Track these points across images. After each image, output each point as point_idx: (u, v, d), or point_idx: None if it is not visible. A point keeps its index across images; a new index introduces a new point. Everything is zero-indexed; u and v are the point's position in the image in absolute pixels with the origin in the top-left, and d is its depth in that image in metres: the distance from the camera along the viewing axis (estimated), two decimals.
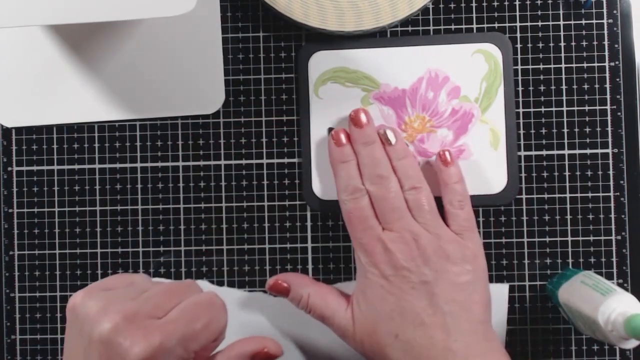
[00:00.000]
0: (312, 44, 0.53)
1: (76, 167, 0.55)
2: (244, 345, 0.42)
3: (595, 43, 0.53)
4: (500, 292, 0.53)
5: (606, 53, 0.53)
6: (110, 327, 0.35)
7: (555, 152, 0.53)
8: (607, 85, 0.53)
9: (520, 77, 0.53)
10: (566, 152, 0.53)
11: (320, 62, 0.53)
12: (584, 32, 0.53)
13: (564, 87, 0.53)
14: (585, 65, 0.53)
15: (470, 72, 0.53)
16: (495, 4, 0.54)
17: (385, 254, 0.47)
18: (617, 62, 0.53)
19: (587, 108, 0.53)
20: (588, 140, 0.53)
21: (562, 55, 0.53)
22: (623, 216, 0.53)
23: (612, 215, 0.53)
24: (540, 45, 0.53)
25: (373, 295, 0.47)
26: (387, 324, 0.46)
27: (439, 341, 0.45)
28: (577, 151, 0.53)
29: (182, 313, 0.38)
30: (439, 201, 0.50)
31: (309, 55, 0.53)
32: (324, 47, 0.53)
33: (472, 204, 0.51)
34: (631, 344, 0.43)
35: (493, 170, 0.53)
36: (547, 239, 0.53)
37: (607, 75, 0.53)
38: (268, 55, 0.54)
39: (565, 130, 0.53)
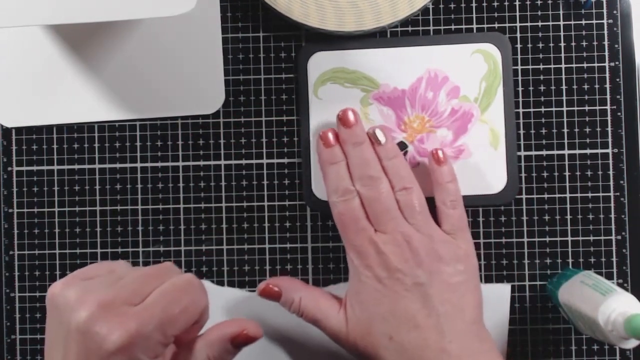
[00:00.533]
0: (311, 44, 0.53)
1: (76, 167, 0.55)
2: (224, 328, 0.41)
3: (595, 43, 0.53)
4: (502, 292, 0.53)
5: (606, 53, 0.53)
6: (86, 316, 0.35)
7: (555, 152, 0.53)
8: (607, 85, 0.53)
9: (520, 77, 0.53)
10: (566, 152, 0.53)
11: (320, 63, 0.53)
12: (584, 32, 0.53)
13: (564, 87, 0.53)
14: (585, 65, 0.53)
15: (469, 72, 0.53)
16: (495, 4, 0.54)
17: (378, 256, 0.47)
18: (617, 62, 0.53)
19: (587, 108, 0.53)
20: (588, 140, 0.53)
21: (562, 55, 0.53)
22: (623, 216, 0.53)
23: (612, 215, 0.53)
24: (540, 45, 0.53)
25: (367, 297, 0.47)
26: (381, 326, 0.46)
27: (433, 342, 0.45)
28: (577, 151, 0.53)
29: (159, 297, 0.37)
30: (430, 201, 0.50)
31: (308, 56, 0.53)
32: (323, 47, 0.53)
33: (472, 203, 0.52)
34: (631, 344, 0.43)
35: (493, 170, 0.53)
36: (547, 239, 0.53)
37: (607, 75, 0.53)
38: (268, 55, 0.54)
39: (565, 130, 0.53)
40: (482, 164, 0.52)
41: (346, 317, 0.48)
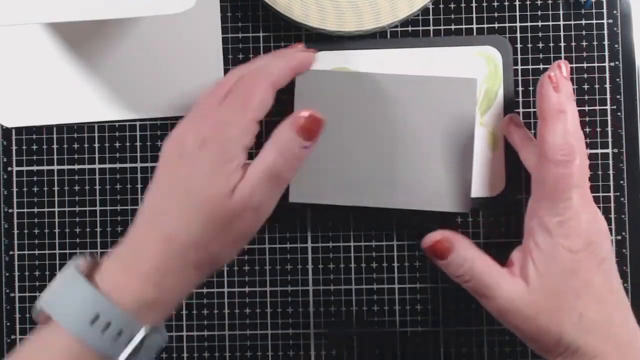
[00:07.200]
0: (313, 45, 0.53)
1: (76, 167, 0.55)
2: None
3: (595, 43, 0.53)
4: (469, 84, 0.51)
5: (606, 53, 0.53)
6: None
7: None
8: (607, 85, 0.53)
9: (520, 77, 0.53)
10: None
11: (321, 63, 0.53)
12: (584, 32, 0.53)
13: None
14: (585, 65, 0.53)
15: (470, 74, 0.53)
16: (496, 4, 0.54)
17: (580, 225, 0.44)
18: (617, 62, 0.53)
19: (587, 108, 0.53)
20: (588, 141, 0.53)
21: (562, 55, 0.53)
22: (623, 216, 0.53)
23: (612, 215, 0.53)
24: (540, 45, 0.53)
25: (560, 269, 0.44)
26: (574, 301, 0.44)
27: (617, 318, 0.44)
28: None
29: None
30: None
31: None
32: (324, 47, 0.53)
33: (472, 205, 0.51)
34: None
35: (492, 173, 0.52)
36: None
37: (607, 75, 0.53)
38: None
39: None
40: (481, 167, 0.52)
41: (527, 287, 0.45)
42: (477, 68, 0.53)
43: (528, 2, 0.53)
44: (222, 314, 0.55)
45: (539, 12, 0.53)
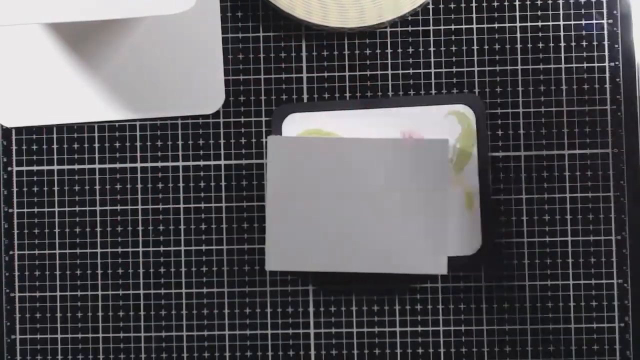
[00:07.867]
0: (286, 106, 0.53)
1: (76, 167, 0.55)
2: None
3: (595, 43, 0.53)
4: (441, 145, 0.51)
5: (606, 53, 0.53)
6: None
7: (555, 152, 0.53)
8: (607, 85, 0.53)
9: (520, 77, 0.53)
10: (566, 152, 0.53)
11: (295, 124, 0.53)
12: (584, 32, 0.53)
13: (564, 87, 0.53)
14: (585, 65, 0.53)
15: (443, 133, 0.52)
16: (496, 4, 0.54)
17: None
18: (617, 62, 0.53)
19: (587, 108, 0.53)
20: (588, 140, 0.53)
21: (562, 55, 0.53)
22: (623, 216, 0.53)
23: (612, 215, 0.53)
24: (540, 45, 0.53)
25: None
26: None
27: None
28: (577, 151, 0.53)
29: None
30: None
31: (283, 117, 0.53)
32: (298, 108, 0.53)
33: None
34: None
35: (467, 232, 0.52)
36: (547, 239, 0.53)
37: (607, 75, 0.53)
38: (268, 56, 0.55)
39: (565, 130, 0.53)
40: (457, 225, 0.52)
41: None
42: (450, 127, 0.53)
43: (528, 2, 0.54)
44: (222, 314, 0.55)
45: (539, 12, 0.53)
